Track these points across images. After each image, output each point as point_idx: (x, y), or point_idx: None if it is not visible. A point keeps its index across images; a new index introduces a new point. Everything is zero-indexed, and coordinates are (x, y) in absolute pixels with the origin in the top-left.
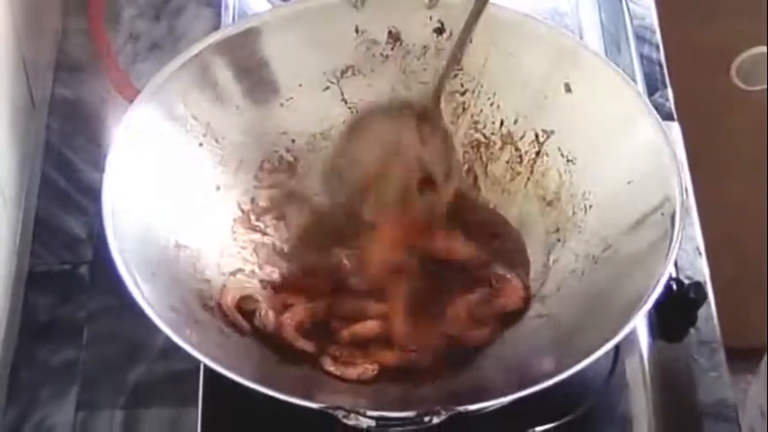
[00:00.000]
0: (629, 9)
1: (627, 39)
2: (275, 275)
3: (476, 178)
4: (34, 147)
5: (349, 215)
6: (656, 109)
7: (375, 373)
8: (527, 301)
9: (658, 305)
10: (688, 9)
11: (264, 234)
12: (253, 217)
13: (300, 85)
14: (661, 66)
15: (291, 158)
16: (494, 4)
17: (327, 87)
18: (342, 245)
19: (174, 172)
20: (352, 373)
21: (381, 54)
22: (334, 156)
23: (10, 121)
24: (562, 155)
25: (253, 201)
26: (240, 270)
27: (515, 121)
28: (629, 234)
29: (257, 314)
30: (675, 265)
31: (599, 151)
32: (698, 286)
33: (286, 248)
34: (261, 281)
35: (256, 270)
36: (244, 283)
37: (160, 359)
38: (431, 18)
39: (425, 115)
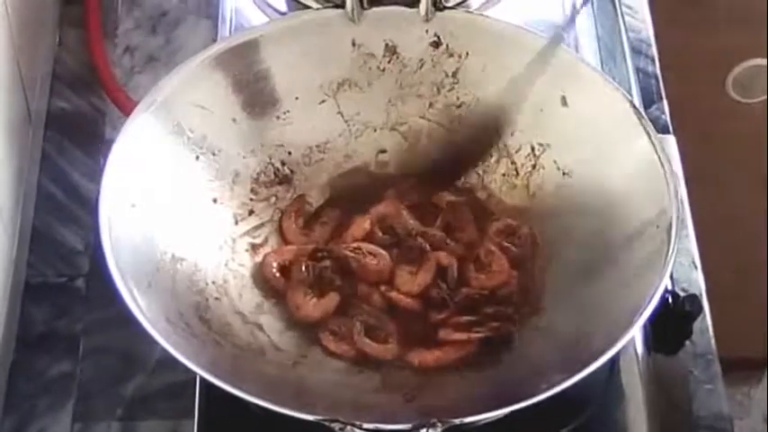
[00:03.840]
0: (624, 22)
1: (623, 52)
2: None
3: (472, 191)
4: (31, 159)
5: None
6: (652, 122)
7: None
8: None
9: (654, 317)
10: (684, 22)
11: (262, 246)
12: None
13: (297, 98)
14: (657, 78)
15: (288, 171)
16: (491, 18)
17: (324, 100)
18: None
19: (171, 184)
20: (347, 349)
21: (378, 67)
22: None
23: (7, 133)
24: (558, 168)
25: (250, 213)
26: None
27: (511, 135)
28: (626, 247)
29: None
30: (671, 277)
31: (595, 164)
32: (693, 299)
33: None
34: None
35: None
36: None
37: (157, 371)
38: (427, 32)
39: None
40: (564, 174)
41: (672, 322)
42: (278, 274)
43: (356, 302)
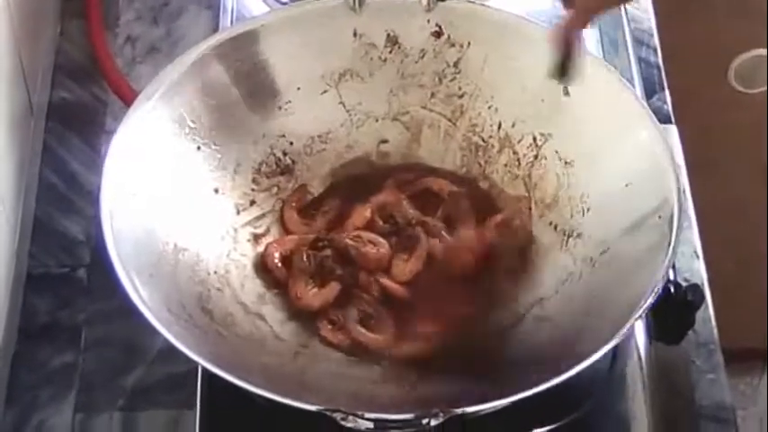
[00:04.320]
0: (626, 12)
1: (625, 42)
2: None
3: (474, 181)
4: (33, 150)
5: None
6: (654, 112)
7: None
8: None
9: (656, 307)
10: (685, 12)
11: (263, 236)
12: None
13: (299, 89)
14: (659, 69)
15: (289, 161)
16: (492, 8)
17: (325, 91)
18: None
19: (173, 175)
20: (343, 339)
21: (379, 57)
22: None
23: (9, 124)
24: (560, 158)
25: (251, 204)
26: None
27: (513, 125)
28: (627, 237)
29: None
30: (673, 267)
31: (597, 154)
32: (695, 288)
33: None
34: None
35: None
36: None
37: (158, 362)
38: (428, 21)
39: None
40: (566, 164)
41: (674, 312)
42: (279, 264)
43: (356, 292)
